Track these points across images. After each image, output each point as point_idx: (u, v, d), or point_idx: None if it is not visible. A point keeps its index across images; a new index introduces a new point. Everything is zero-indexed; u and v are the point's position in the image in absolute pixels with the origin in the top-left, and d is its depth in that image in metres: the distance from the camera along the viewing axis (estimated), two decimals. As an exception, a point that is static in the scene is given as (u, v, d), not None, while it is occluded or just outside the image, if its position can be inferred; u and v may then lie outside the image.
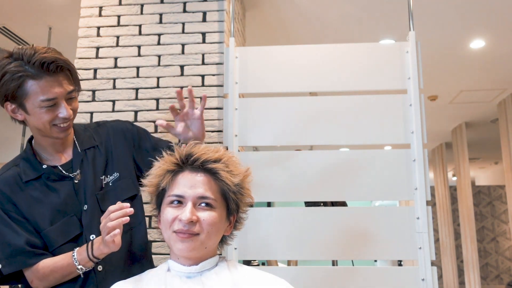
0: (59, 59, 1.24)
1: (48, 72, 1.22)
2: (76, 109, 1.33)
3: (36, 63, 1.21)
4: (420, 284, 2.03)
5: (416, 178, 2.11)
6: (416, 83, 2.17)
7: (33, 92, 1.22)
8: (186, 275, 1.06)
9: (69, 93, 1.28)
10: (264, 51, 2.34)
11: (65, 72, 1.26)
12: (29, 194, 1.31)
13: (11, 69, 1.21)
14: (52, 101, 1.24)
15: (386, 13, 3.38)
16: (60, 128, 1.29)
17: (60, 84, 1.25)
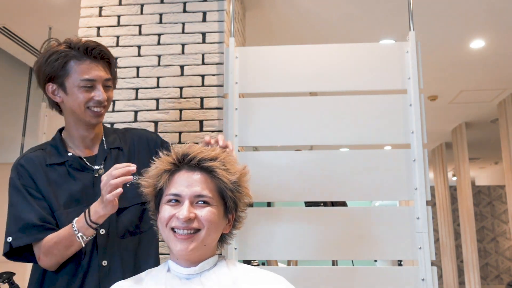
0: (102, 47, 1.36)
1: (90, 57, 1.33)
2: (110, 99, 1.39)
3: (81, 47, 1.33)
4: (420, 284, 2.03)
5: (416, 178, 2.11)
6: (416, 83, 2.17)
7: (74, 72, 1.32)
8: (185, 276, 1.06)
9: (107, 80, 1.36)
10: (264, 51, 2.34)
11: (105, 61, 1.37)
12: (50, 176, 1.35)
13: (58, 50, 1.33)
14: (90, 82, 1.32)
15: (386, 13, 3.38)
16: (93, 112, 1.35)
17: (100, 69, 1.34)
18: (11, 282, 2.29)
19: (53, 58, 1.33)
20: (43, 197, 1.32)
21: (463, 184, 6.39)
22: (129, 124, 2.35)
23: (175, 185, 1.07)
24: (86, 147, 1.41)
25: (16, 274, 2.35)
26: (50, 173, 1.35)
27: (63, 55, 1.32)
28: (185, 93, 2.35)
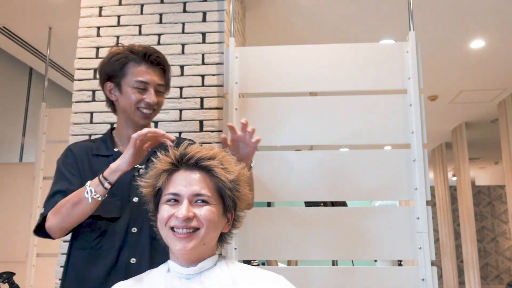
0: (160, 55, 1.46)
1: (148, 62, 1.42)
2: (160, 104, 1.47)
3: (140, 52, 1.42)
4: (420, 284, 2.03)
5: (416, 178, 2.11)
6: (416, 83, 2.17)
7: (131, 73, 1.41)
8: (185, 276, 1.06)
9: (159, 86, 1.45)
10: (264, 51, 2.34)
11: (161, 68, 1.46)
12: (93, 164, 1.43)
13: (120, 52, 1.43)
14: (143, 84, 1.42)
15: (386, 13, 3.38)
16: (142, 113, 1.43)
17: (155, 74, 1.44)
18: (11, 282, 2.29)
19: (114, 58, 1.43)
20: (81, 178, 1.39)
21: (463, 184, 6.39)
22: (129, 124, 2.35)
23: (174, 185, 1.07)
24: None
25: (16, 274, 2.35)
26: (95, 162, 1.43)
27: (123, 56, 1.42)
28: (185, 93, 2.35)
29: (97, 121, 2.38)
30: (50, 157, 3.30)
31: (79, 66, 2.45)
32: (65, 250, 2.27)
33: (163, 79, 1.46)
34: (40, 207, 3.21)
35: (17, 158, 4.28)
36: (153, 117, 1.47)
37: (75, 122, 2.40)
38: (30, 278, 3.13)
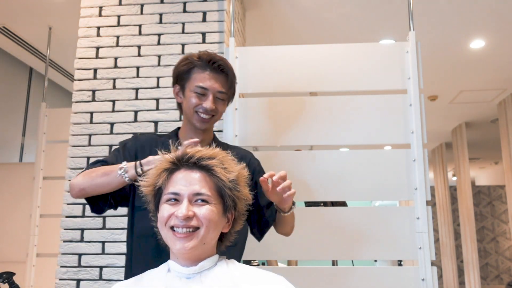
0: (225, 64, 1.49)
1: (211, 68, 1.46)
2: (220, 112, 1.50)
3: (205, 58, 1.47)
4: (420, 284, 2.03)
5: (416, 178, 2.11)
6: (416, 83, 2.17)
7: (193, 78, 1.47)
8: (185, 276, 1.07)
9: (220, 93, 1.48)
10: (264, 51, 2.34)
11: (225, 76, 1.49)
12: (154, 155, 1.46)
13: (188, 58, 1.49)
14: (203, 90, 1.46)
15: (386, 13, 3.38)
16: (199, 117, 1.47)
17: (216, 81, 1.47)
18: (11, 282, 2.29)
19: (183, 63, 1.49)
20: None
21: (463, 184, 6.39)
22: (129, 124, 2.35)
23: (174, 184, 1.07)
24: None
25: (16, 274, 2.35)
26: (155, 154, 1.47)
27: (190, 61, 1.48)
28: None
29: (97, 121, 2.38)
30: (50, 157, 3.30)
31: (79, 66, 2.45)
32: (65, 250, 2.27)
33: (224, 87, 1.48)
34: (40, 207, 3.22)
35: (17, 158, 4.28)
36: (213, 123, 1.51)
37: (75, 122, 2.40)
38: (30, 278, 3.13)
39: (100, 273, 2.22)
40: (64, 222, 2.30)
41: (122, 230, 2.25)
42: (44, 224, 3.22)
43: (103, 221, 2.28)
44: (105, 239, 2.25)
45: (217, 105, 1.48)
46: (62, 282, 2.23)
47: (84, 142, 2.37)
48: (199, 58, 1.48)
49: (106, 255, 2.24)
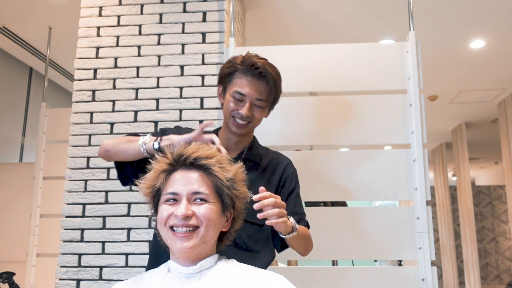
0: (267, 70, 1.44)
1: (252, 74, 1.43)
2: (256, 119, 1.47)
3: (248, 63, 1.44)
4: (420, 284, 2.03)
5: (416, 178, 2.11)
6: (416, 83, 2.17)
7: (234, 82, 1.46)
8: (185, 275, 1.07)
9: (258, 100, 1.44)
10: (264, 51, 2.34)
11: (265, 83, 1.44)
12: None
13: (232, 60, 1.47)
14: (240, 96, 1.44)
15: (386, 13, 3.38)
16: (235, 122, 1.46)
17: (255, 88, 1.44)
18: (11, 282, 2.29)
19: (226, 65, 1.48)
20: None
21: (463, 184, 6.39)
22: (129, 124, 2.35)
23: (172, 184, 1.08)
24: (227, 147, 1.47)
25: (16, 274, 2.35)
26: None
27: (232, 65, 1.46)
28: (185, 93, 2.35)
29: (97, 121, 2.38)
30: (50, 157, 3.30)
31: (79, 66, 2.45)
32: (65, 250, 2.27)
33: (263, 94, 1.45)
34: (40, 207, 3.22)
35: (17, 158, 4.28)
36: (250, 129, 1.49)
37: (75, 122, 2.40)
38: (30, 278, 3.13)
39: (100, 273, 2.22)
40: (64, 222, 2.30)
41: (122, 230, 2.25)
42: (44, 224, 3.22)
43: (103, 221, 2.28)
44: (105, 239, 2.26)
45: (254, 112, 1.46)
46: (62, 282, 2.23)
47: (84, 142, 2.37)
48: (242, 62, 1.45)
49: (106, 255, 2.24)
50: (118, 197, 2.29)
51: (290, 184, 1.52)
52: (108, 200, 2.30)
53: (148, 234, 2.23)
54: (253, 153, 1.52)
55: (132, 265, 2.22)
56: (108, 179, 2.31)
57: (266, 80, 1.44)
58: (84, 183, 2.33)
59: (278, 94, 1.51)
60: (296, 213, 1.48)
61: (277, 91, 1.49)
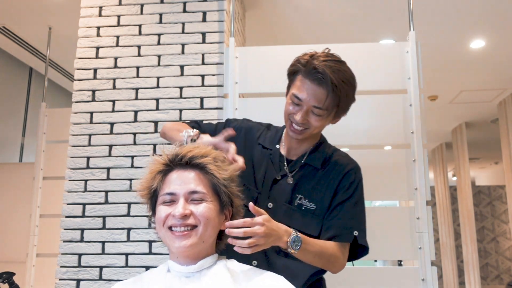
0: (326, 75, 1.27)
1: (313, 78, 1.29)
2: (315, 126, 1.34)
3: (309, 65, 1.30)
4: (420, 284, 2.03)
5: (416, 178, 2.11)
6: (416, 83, 2.17)
7: (294, 84, 1.34)
8: (185, 275, 1.07)
9: (315, 107, 1.30)
10: (264, 51, 2.34)
11: (325, 90, 1.28)
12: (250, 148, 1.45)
13: (299, 59, 1.34)
14: (298, 100, 1.31)
15: (386, 13, 3.38)
16: (291, 127, 1.35)
17: (314, 94, 1.29)
18: (11, 282, 2.29)
19: (292, 63, 1.37)
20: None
21: (463, 184, 6.39)
22: (129, 124, 2.35)
23: (169, 185, 1.08)
24: (289, 148, 1.43)
25: (16, 274, 2.35)
26: (253, 147, 1.44)
27: (296, 65, 1.34)
28: (185, 93, 2.35)
29: (97, 121, 2.38)
30: (50, 157, 3.30)
31: (79, 66, 2.45)
32: (65, 250, 2.27)
33: (321, 103, 1.29)
34: (40, 207, 3.22)
35: (17, 158, 4.28)
36: (307, 136, 1.37)
37: (75, 122, 2.40)
38: (30, 278, 3.12)
39: (100, 273, 2.22)
40: (64, 222, 2.30)
41: (122, 230, 2.25)
42: (44, 224, 3.22)
43: (103, 221, 2.28)
44: (105, 239, 2.25)
45: (311, 119, 1.33)
46: (62, 282, 2.23)
47: (84, 142, 2.37)
48: (306, 63, 1.31)
49: (106, 255, 2.24)
50: (118, 197, 2.29)
51: (345, 193, 1.36)
52: (108, 200, 2.30)
53: (148, 234, 2.23)
54: (316, 157, 1.41)
55: (132, 265, 2.22)
56: (108, 179, 2.31)
57: (326, 86, 1.27)
58: (84, 183, 2.32)
59: (345, 103, 1.34)
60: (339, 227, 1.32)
61: (343, 99, 1.32)
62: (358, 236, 1.33)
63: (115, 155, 2.33)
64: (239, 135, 1.45)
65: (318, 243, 1.26)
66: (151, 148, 2.31)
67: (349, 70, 1.35)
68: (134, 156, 2.32)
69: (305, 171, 1.40)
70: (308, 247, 1.20)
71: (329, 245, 1.28)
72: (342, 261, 1.31)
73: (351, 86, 1.34)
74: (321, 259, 1.26)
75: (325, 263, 1.29)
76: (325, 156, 1.43)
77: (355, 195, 1.37)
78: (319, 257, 1.25)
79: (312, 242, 1.22)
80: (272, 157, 1.42)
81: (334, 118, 1.40)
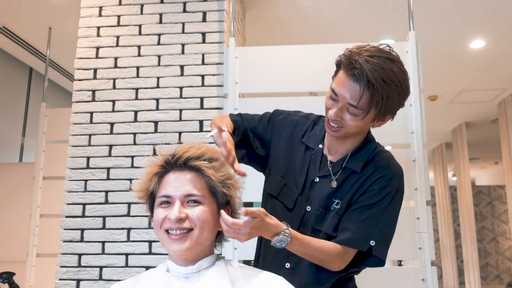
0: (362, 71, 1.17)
1: (351, 74, 1.20)
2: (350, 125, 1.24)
3: (350, 59, 1.21)
4: (420, 284, 2.03)
5: (416, 178, 2.11)
6: (416, 83, 2.17)
7: (335, 77, 1.27)
8: (184, 275, 1.07)
9: (350, 105, 1.21)
10: (264, 51, 2.34)
11: (364, 88, 1.18)
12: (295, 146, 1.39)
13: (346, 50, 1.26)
14: (334, 95, 1.25)
15: (386, 13, 3.38)
16: (328, 124, 1.27)
17: (350, 91, 1.20)
18: (11, 282, 2.29)
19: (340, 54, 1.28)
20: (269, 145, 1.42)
21: (463, 184, 6.39)
22: (129, 124, 2.35)
23: (165, 187, 1.07)
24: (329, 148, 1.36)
25: (16, 274, 2.35)
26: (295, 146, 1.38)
27: (341, 57, 1.26)
28: (185, 93, 2.35)
29: (97, 121, 2.38)
30: (50, 157, 3.30)
31: (79, 66, 2.45)
32: (65, 250, 2.27)
33: (357, 100, 1.19)
34: (40, 207, 3.22)
35: (17, 158, 4.28)
36: (342, 134, 1.27)
37: (75, 122, 2.40)
38: (30, 278, 3.13)
39: (100, 273, 2.22)
40: (64, 222, 2.30)
41: (122, 230, 2.25)
42: (44, 224, 3.22)
43: (103, 221, 2.28)
44: (105, 239, 2.26)
45: (346, 117, 1.23)
46: (62, 282, 2.23)
47: (84, 142, 2.37)
48: (349, 54, 1.22)
49: (106, 255, 2.24)
50: (118, 197, 2.29)
51: (373, 197, 1.26)
52: (108, 200, 2.30)
53: (148, 234, 2.24)
54: (357, 160, 1.31)
55: (132, 265, 2.22)
56: (108, 179, 2.31)
57: (367, 85, 1.17)
58: (84, 183, 2.33)
59: (385, 106, 1.22)
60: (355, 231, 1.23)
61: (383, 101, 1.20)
62: (374, 246, 1.23)
63: (115, 155, 2.33)
64: (283, 131, 1.41)
65: (314, 245, 1.20)
66: (151, 148, 2.31)
67: (398, 70, 1.23)
68: (134, 156, 2.32)
69: (345, 175, 1.30)
70: (297, 247, 1.17)
71: (328, 249, 1.21)
72: (339, 264, 1.24)
73: (395, 88, 1.21)
74: (312, 259, 1.22)
75: (319, 262, 1.24)
76: (368, 157, 1.32)
77: (385, 202, 1.26)
78: (310, 257, 1.22)
79: (306, 243, 1.19)
80: (313, 157, 1.35)
81: (374, 121, 1.27)
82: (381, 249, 1.25)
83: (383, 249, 1.25)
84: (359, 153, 1.32)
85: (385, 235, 1.26)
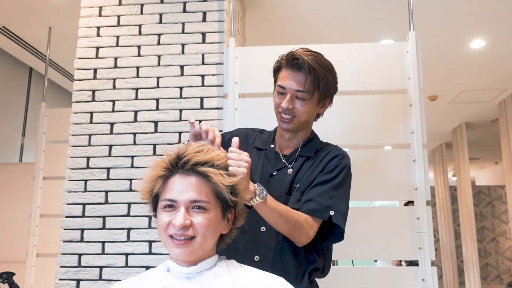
0: (303, 60, 1.38)
1: (292, 66, 1.40)
2: (301, 112, 1.41)
3: (290, 56, 1.41)
4: (420, 284, 2.03)
5: (416, 178, 2.11)
6: (416, 83, 2.17)
7: (277, 77, 1.45)
8: (185, 275, 1.06)
9: (298, 91, 1.39)
10: (264, 51, 2.34)
11: (307, 74, 1.38)
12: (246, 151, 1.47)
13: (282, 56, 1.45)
14: (281, 88, 1.42)
15: (386, 13, 3.38)
16: (280, 117, 1.43)
17: (295, 79, 1.39)
18: (11, 282, 2.29)
19: (275, 63, 1.47)
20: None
21: (463, 184, 6.39)
22: (129, 124, 2.35)
23: (170, 191, 1.05)
24: (281, 146, 1.50)
25: (16, 274, 2.35)
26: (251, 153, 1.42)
27: (279, 61, 1.45)
28: (185, 93, 2.35)
29: (97, 121, 2.38)
30: (50, 157, 3.30)
31: (79, 66, 2.45)
32: (65, 250, 2.27)
33: (303, 85, 1.38)
34: (40, 207, 3.22)
35: (17, 158, 4.28)
36: (297, 125, 1.43)
37: (75, 122, 2.40)
38: (30, 278, 3.13)
39: (100, 273, 2.22)
40: (64, 222, 2.30)
41: (121, 230, 2.25)
42: (44, 224, 3.22)
43: (103, 221, 2.28)
44: (105, 239, 2.25)
45: (296, 105, 1.41)
46: (62, 282, 2.23)
47: (84, 142, 2.37)
48: (285, 57, 1.43)
49: (106, 255, 2.24)
50: (118, 197, 2.29)
51: (329, 174, 1.41)
52: (108, 200, 2.30)
53: (148, 234, 2.24)
54: (308, 149, 1.48)
55: (132, 265, 2.22)
56: (108, 179, 2.31)
57: (305, 69, 1.37)
58: (84, 183, 2.33)
59: (325, 87, 1.41)
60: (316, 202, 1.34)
61: (323, 82, 1.40)
62: (333, 215, 1.35)
63: (115, 155, 2.33)
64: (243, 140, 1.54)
65: (284, 206, 1.29)
66: (151, 148, 2.31)
67: (327, 60, 1.44)
68: (134, 156, 2.32)
69: (300, 162, 1.46)
70: (274, 203, 1.25)
71: (297, 213, 1.31)
72: (307, 231, 1.31)
73: (330, 72, 1.42)
74: (287, 221, 1.27)
75: (291, 228, 1.29)
76: (317, 147, 1.50)
77: (339, 178, 1.42)
78: (285, 218, 1.27)
79: (278, 202, 1.27)
80: (267, 155, 1.49)
81: (319, 105, 1.45)
82: (339, 218, 1.37)
83: (341, 219, 1.38)
84: (309, 144, 1.49)
85: (341, 206, 1.40)
